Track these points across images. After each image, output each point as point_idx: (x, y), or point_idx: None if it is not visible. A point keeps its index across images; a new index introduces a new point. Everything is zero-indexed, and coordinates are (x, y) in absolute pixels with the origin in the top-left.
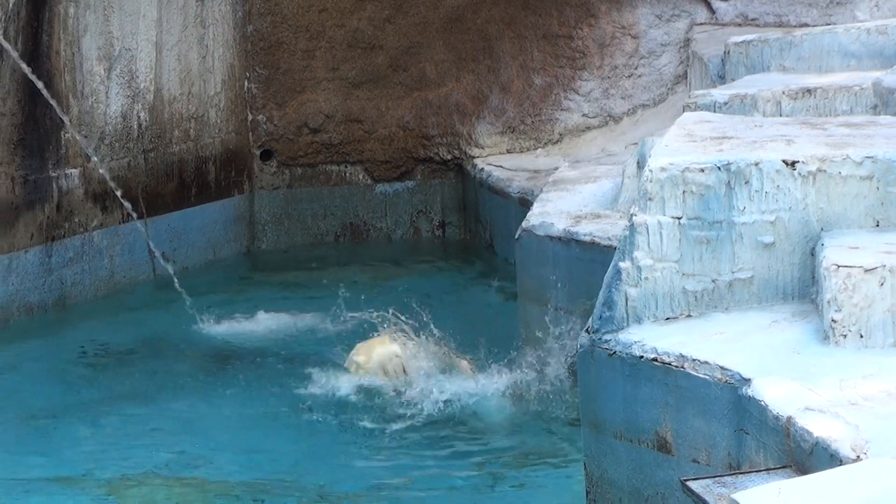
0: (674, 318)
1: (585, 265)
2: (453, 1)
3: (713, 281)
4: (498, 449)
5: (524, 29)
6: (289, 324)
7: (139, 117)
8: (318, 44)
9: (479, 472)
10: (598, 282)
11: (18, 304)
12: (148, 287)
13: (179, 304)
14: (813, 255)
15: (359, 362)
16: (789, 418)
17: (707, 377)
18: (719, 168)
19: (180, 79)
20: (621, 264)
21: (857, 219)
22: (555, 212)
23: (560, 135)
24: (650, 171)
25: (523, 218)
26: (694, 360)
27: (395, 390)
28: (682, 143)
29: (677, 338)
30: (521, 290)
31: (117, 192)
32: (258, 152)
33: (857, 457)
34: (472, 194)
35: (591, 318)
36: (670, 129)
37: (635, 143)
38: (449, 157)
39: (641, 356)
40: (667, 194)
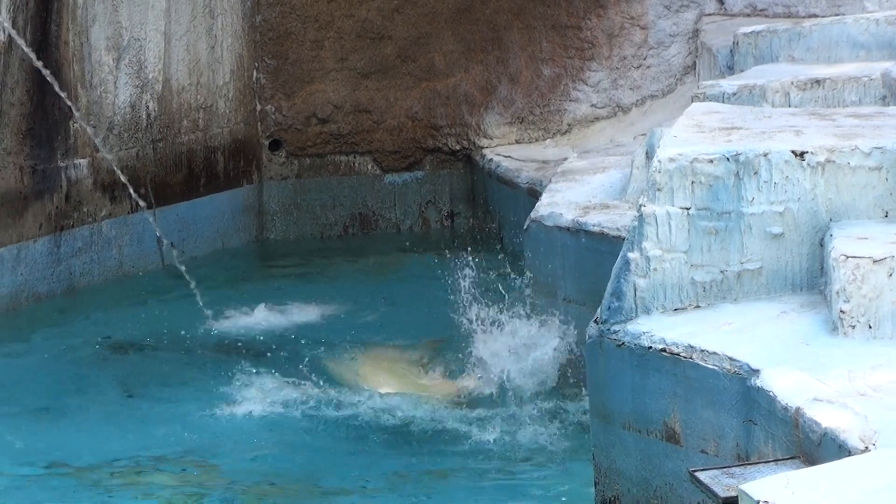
0: (682, 308)
1: (594, 256)
2: None
3: (722, 271)
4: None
5: (533, 19)
6: (297, 314)
7: (148, 107)
8: (327, 34)
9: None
10: (607, 272)
11: (27, 294)
12: (156, 277)
13: (188, 294)
14: (822, 245)
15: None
16: (798, 409)
17: (716, 368)
18: (728, 159)
19: (189, 69)
20: (630, 255)
21: (865, 209)
22: (563, 202)
23: (569, 125)
24: (659, 161)
25: (532, 208)
26: (702, 350)
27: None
28: (691, 134)
29: (686, 328)
30: (530, 281)
31: (126, 182)
32: (267, 142)
33: (866, 447)
34: (480, 185)
35: (599, 309)
36: (679, 119)
37: (644, 134)
38: (458, 148)
39: (650, 347)
40: (675, 185)
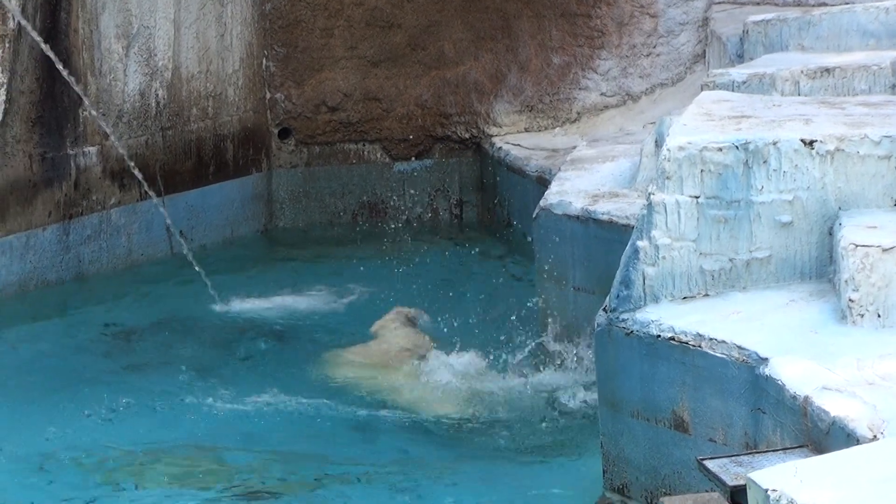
0: (691, 297)
1: (603, 244)
2: None
3: (731, 260)
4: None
5: (542, 8)
6: (305, 302)
7: (157, 95)
8: (337, 22)
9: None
10: (616, 261)
11: (36, 282)
12: (165, 265)
13: (196, 281)
14: (831, 234)
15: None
16: (806, 398)
17: (724, 356)
18: (737, 147)
19: (198, 57)
20: (639, 243)
21: (875, 198)
22: (573, 191)
23: (578, 114)
24: (668, 150)
25: (541, 197)
26: (711, 339)
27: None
28: (701, 123)
29: (695, 317)
30: (539, 269)
31: (135, 169)
32: (276, 130)
33: (874, 436)
34: (489, 173)
35: (608, 297)
36: (688, 108)
37: (653, 123)
38: (467, 136)
39: (659, 335)
40: (685, 173)
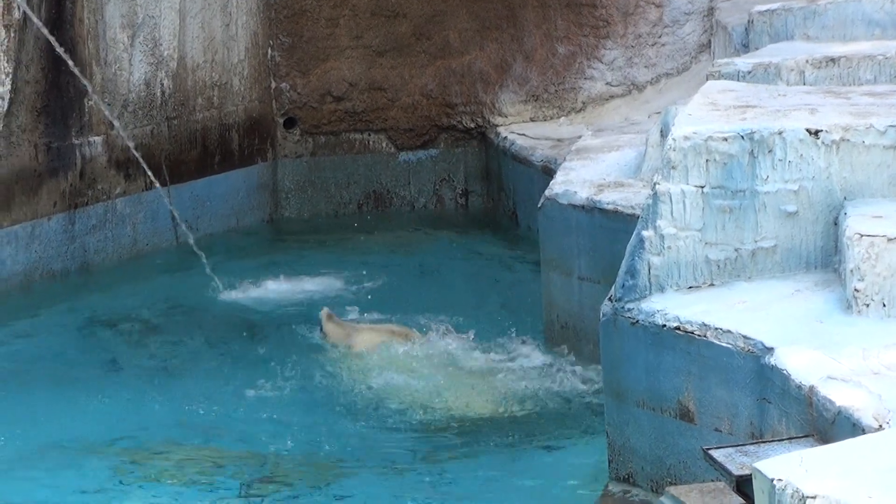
0: (697, 286)
1: (608, 234)
2: None
3: (736, 250)
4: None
5: None
6: (311, 292)
7: (162, 85)
8: (342, 12)
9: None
10: (622, 250)
11: (41, 271)
12: (170, 255)
13: (202, 271)
14: (836, 224)
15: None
16: (812, 387)
17: (730, 346)
18: (743, 137)
19: (204, 46)
20: (644, 233)
21: (880, 188)
22: (578, 180)
23: (583, 103)
24: (674, 139)
25: (546, 186)
26: (717, 328)
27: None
28: (706, 112)
29: (700, 306)
30: (545, 259)
31: (140, 159)
32: (281, 120)
33: (880, 426)
34: (495, 163)
35: (613, 287)
36: (694, 97)
37: (659, 112)
38: (472, 126)
39: (664, 325)
40: (690, 163)
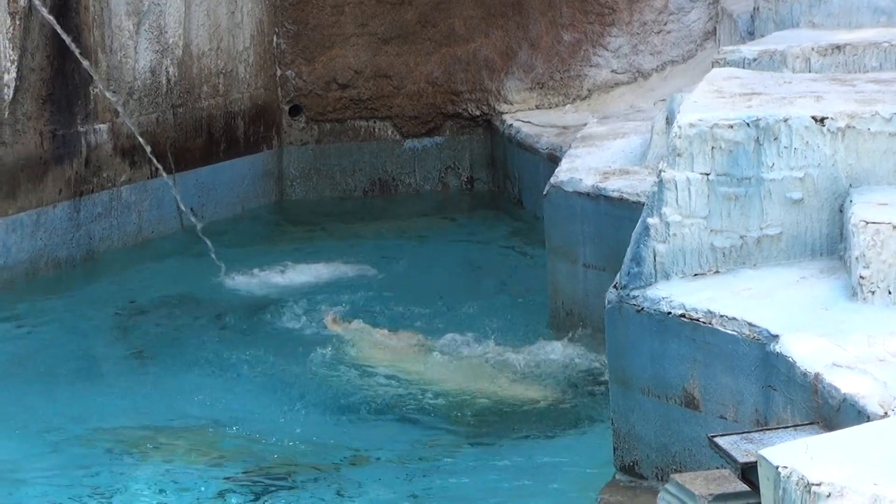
0: (702, 274)
1: (614, 221)
2: None
3: (741, 237)
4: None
5: None
6: (316, 278)
7: (168, 72)
8: None
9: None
10: (627, 238)
11: (46, 259)
12: (176, 242)
13: (207, 259)
14: (841, 211)
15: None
16: (817, 375)
17: (735, 333)
18: (748, 124)
19: (209, 34)
20: (650, 220)
21: (885, 175)
22: (583, 168)
23: (589, 91)
24: (679, 127)
25: (552, 174)
26: (722, 316)
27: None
28: (711, 100)
29: (705, 294)
30: (550, 246)
31: (146, 147)
32: (287, 108)
33: (885, 413)
34: (500, 150)
35: (619, 274)
36: (699, 85)
37: (664, 100)
38: (477, 113)
39: (669, 312)
40: (695, 150)
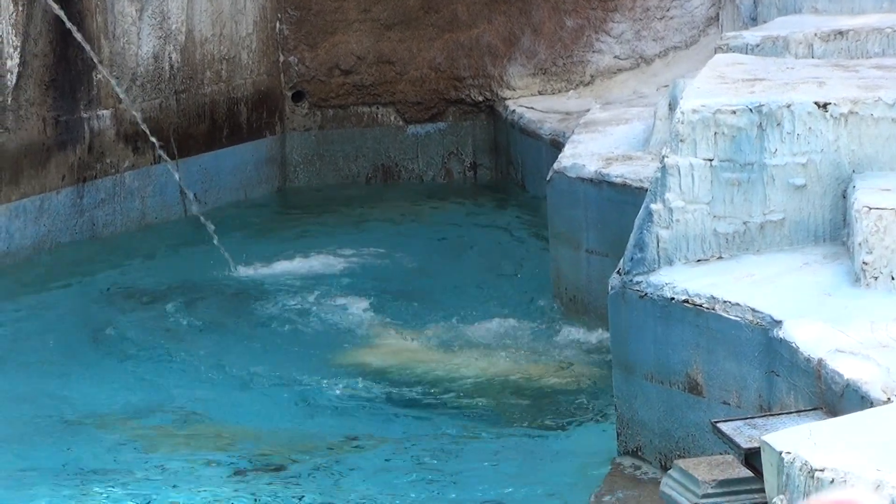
0: (705, 259)
1: (617, 207)
2: None
3: (744, 223)
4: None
5: None
6: (319, 265)
7: (171, 58)
8: None
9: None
10: (630, 224)
11: (50, 245)
12: (179, 228)
13: (210, 245)
14: (844, 197)
15: None
16: (820, 360)
17: (738, 319)
18: (751, 110)
19: (212, 20)
20: (653, 206)
21: (888, 161)
22: (586, 153)
23: (591, 77)
24: (682, 112)
25: (555, 160)
26: (725, 301)
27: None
28: (714, 85)
29: (708, 279)
30: (553, 232)
31: (149, 133)
32: (290, 94)
33: (888, 399)
34: (503, 136)
35: (622, 260)
36: (702, 70)
37: (667, 85)
38: (480, 99)
39: (672, 298)
40: (698, 136)
